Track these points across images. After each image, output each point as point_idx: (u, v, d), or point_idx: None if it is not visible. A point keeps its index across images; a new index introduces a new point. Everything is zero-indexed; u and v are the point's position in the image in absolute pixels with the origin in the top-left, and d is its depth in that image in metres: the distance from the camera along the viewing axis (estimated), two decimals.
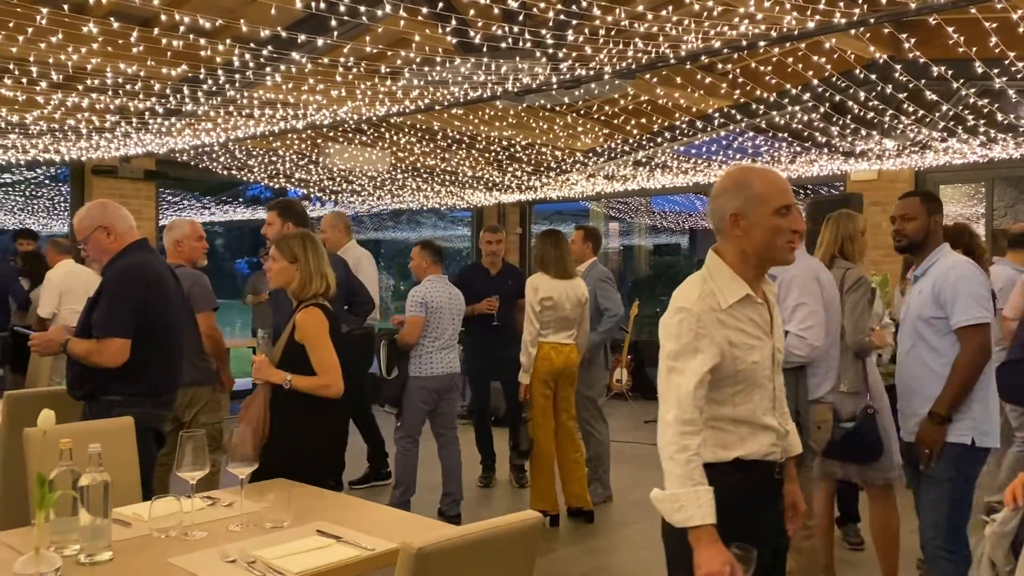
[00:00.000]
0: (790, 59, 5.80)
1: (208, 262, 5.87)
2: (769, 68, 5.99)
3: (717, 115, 7.09)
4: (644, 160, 8.72)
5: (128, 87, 4.91)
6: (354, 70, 4.71)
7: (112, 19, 3.92)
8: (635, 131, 7.96)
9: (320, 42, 4.21)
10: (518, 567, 2.11)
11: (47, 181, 13.46)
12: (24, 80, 4.69)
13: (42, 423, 2.48)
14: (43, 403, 3.83)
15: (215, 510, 2.75)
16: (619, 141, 8.47)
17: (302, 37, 4.14)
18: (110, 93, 5.07)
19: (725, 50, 4.69)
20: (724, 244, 2.23)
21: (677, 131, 7.59)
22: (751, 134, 7.77)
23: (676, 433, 2.05)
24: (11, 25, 3.84)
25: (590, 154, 8.99)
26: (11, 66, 4.49)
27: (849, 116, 6.48)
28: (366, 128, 7.84)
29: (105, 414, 3.37)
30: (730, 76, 6.29)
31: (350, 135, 8.19)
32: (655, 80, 6.13)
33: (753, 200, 2.15)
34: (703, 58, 5.00)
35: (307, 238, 3.48)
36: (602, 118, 7.90)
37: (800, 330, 3.40)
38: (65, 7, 3.82)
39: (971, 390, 3.17)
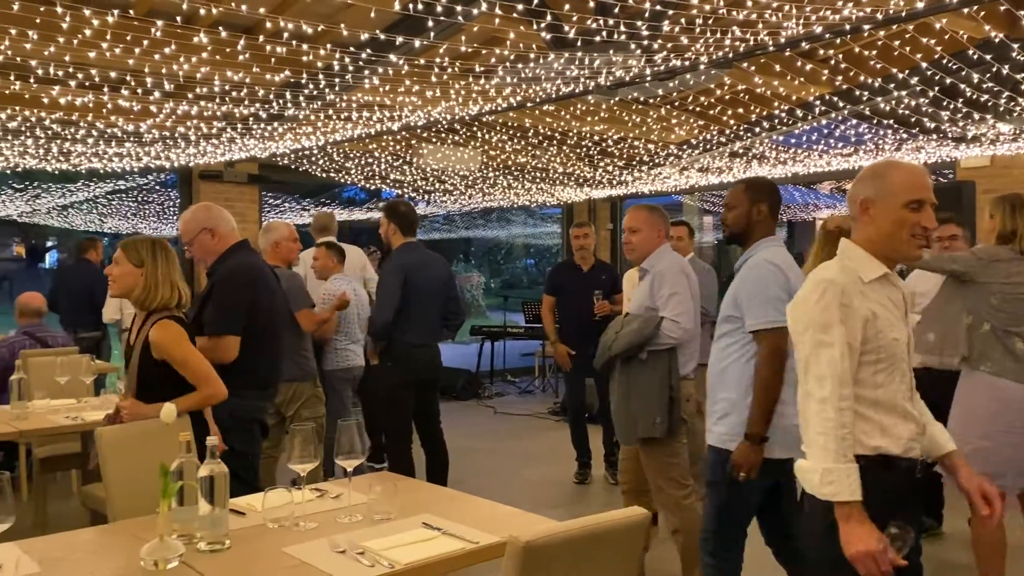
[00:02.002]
0: (896, 42, 5.56)
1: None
2: (874, 52, 5.75)
3: (818, 103, 6.85)
4: (741, 151, 8.52)
5: (234, 94, 5.11)
6: (449, 70, 4.76)
7: (220, 28, 4.08)
8: (731, 121, 7.78)
9: (417, 43, 4.27)
10: (624, 563, 2.09)
11: (157, 187, 14.11)
12: (139, 90, 4.94)
13: (164, 416, 2.60)
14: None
15: (323, 501, 2.83)
16: (714, 132, 8.29)
17: (399, 39, 4.21)
18: (217, 100, 5.28)
19: (827, 35, 4.52)
20: (856, 231, 2.26)
21: (776, 120, 7.37)
22: (854, 121, 7.47)
23: (835, 409, 2.03)
24: (128, 39, 4.04)
25: (684, 146, 8.84)
26: (127, 77, 4.73)
27: (961, 99, 6.16)
28: (459, 128, 7.93)
29: (216, 407, 3.53)
30: (832, 62, 6.06)
31: (443, 135, 8.29)
32: (753, 68, 5.97)
33: (884, 189, 2.18)
34: (804, 44, 4.83)
35: (157, 244, 3.30)
36: (697, 109, 7.75)
37: (674, 315, 3.77)
38: (177, 19, 3.99)
39: (772, 393, 3.00)
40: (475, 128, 7.98)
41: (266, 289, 3.73)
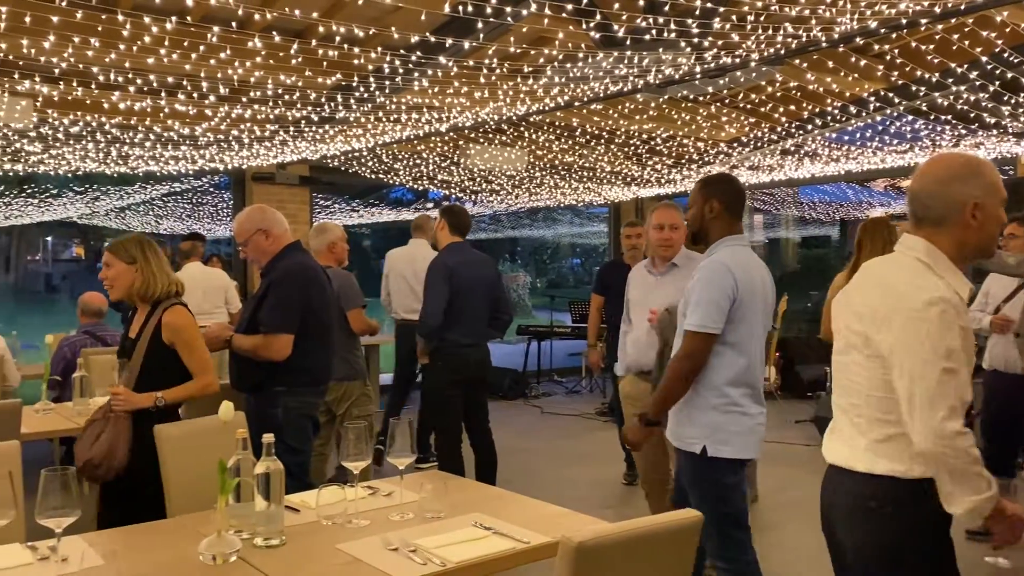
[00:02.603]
0: (955, 35, 5.42)
1: (355, 261, 6.14)
2: (931, 47, 5.61)
3: (872, 99, 6.71)
4: (792, 148, 8.39)
5: (286, 97, 5.20)
6: (497, 71, 4.77)
7: (274, 33, 4.15)
8: (783, 119, 7.67)
9: (466, 44, 4.30)
10: (677, 565, 2.08)
11: (211, 189, 14.42)
12: (195, 95, 5.05)
13: (222, 414, 2.66)
14: (214, 395, 4.13)
15: (375, 499, 2.86)
16: (765, 130, 8.18)
17: (449, 41, 4.23)
18: (270, 104, 5.38)
19: (883, 30, 4.43)
20: (938, 234, 2.04)
21: (828, 117, 7.24)
22: (910, 117, 7.31)
23: (970, 444, 1.89)
24: (185, 44, 4.14)
25: (734, 144, 8.73)
26: (184, 82, 4.84)
27: (1022, 94, 5.99)
28: (506, 128, 7.95)
29: (271, 404, 3.61)
30: (887, 57, 5.94)
31: (490, 135, 8.32)
32: (805, 65, 5.87)
33: (990, 189, 2.03)
34: (858, 40, 4.75)
35: (143, 241, 3.35)
36: (747, 106, 7.66)
37: None
38: (233, 24, 4.08)
39: (677, 396, 3.04)
40: (522, 128, 7.99)
41: (319, 289, 3.81)
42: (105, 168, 7.82)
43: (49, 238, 33.96)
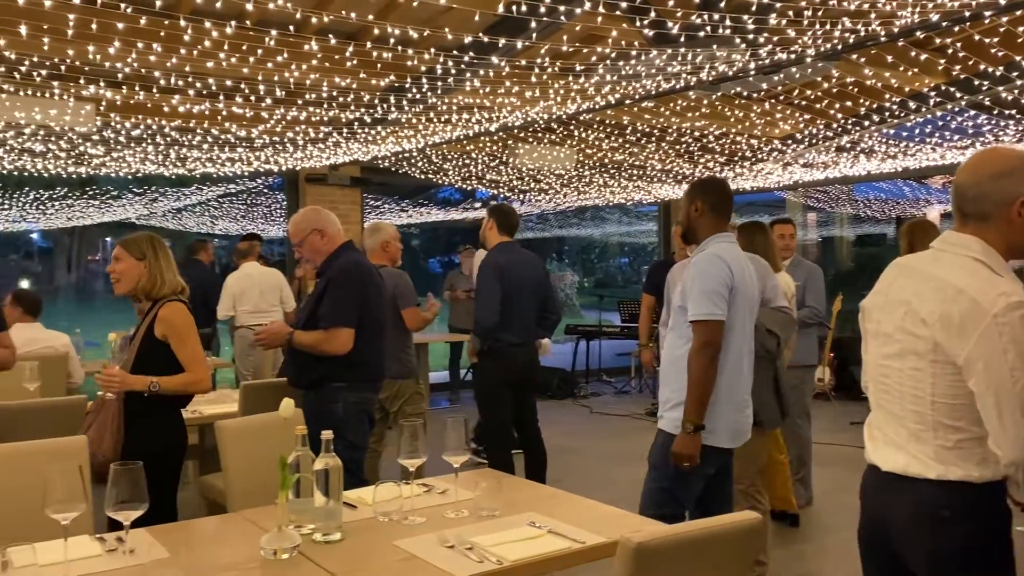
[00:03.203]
0: (1020, 28, 5.26)
1: (405, 261, 6.20)
2: (995, 39, 5.45)
3: (933, 94, 6.55)
4: (848, 145, 8.22)
5: (340, 99, 5.26)
6: (549, 69, 4.77)
7: (330, 36, 4.21)
8: (839, 115, 7.52)
9: (519, 44, 4.31)
10: (736, 568, 2.06)
11: (265, 190, 14.68)
12: (252, 97, 5.15)
13: (283, 410, 2.70)
14: (272, 392, 4.21)
15: (430, 496, 2.88)
16: (820, 126, 8.04)
17: (502, 41, 4.24)
18: (324, 106, 5.46)
19: (944, 23, 4.32)
20: (985, 231, 1.99)
21: (886, 113, 7.08)
22: (972, 112, 7.11)
23: None
24: (244, 48, 4.22)
25: (788, 141, 8.60)
26: (242, 85, 4.94)
27: None
28: (555, 127, 7.94)
29: (331, 400, 3.67)
30: (949, 51, 5.78)
31: (539, 134, 8.32)
32: (863, 60, 5.75)
33: None
34: (918, 33, 4.63)
35: (154, 239, 3.38)
36: (802, 103, 7.53)
37: (785, 307, 4.00)
38: (291, 28, 4.14)
39: (705, 384, 3.10)
40: (572, 126, 7.97)
41: (375, 286, 3.88)
42: (164, 170, 8.02)
43: (108, 239, 34.94)
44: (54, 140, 6.34)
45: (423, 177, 9.72)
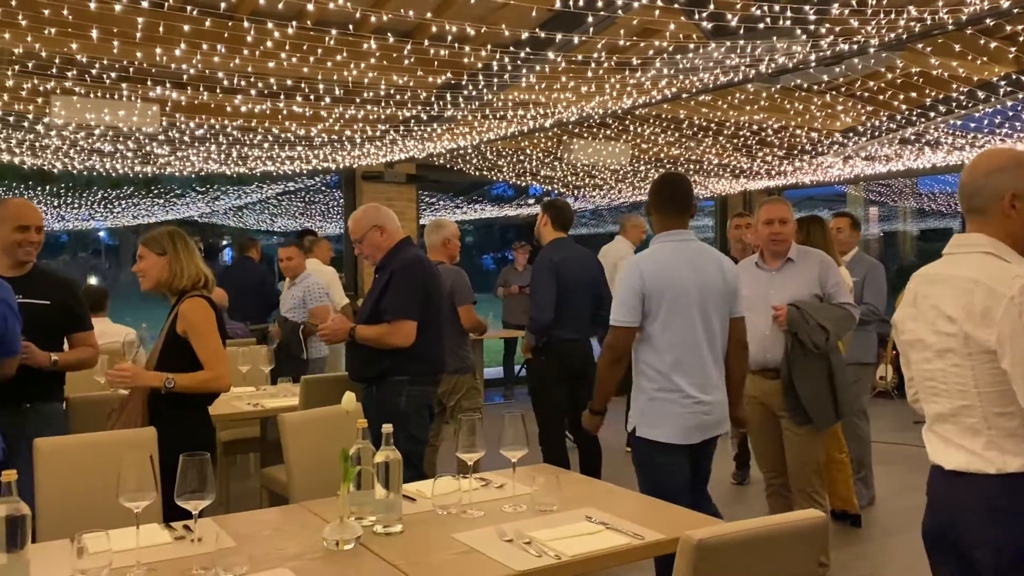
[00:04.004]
0: None
1: (460, 257, 6.24)
2: None
3: (1003, 83, 6.33)
4: (912, 137, 8.00)
5: (397, 97, 5.32)
6: (605, 64, 4.74)
7: (388, 35, 4.26)
8: (903, 106, 7.32)
9: (576, 39, 4.30)
10: (800, 567, 2.02)
11: (322, 188, 14.93)
12: (312, 96, 5.24)
13: (346, 403, 2.75)
14: (332, 386, 4.29)
15: (488, 491, 2.90)
16: (883, 118, 7.83)
17: (559, 36, 4.24)
18: (382, 104, 5.52)
19: (1015, 10, 4.17)
20: (986, 225, 2.11)
21: (953, 103, 6.87)
22: None
23: None
24: (304, 47, 4.30)
25: (850, 133, 8.40)
26: (302, 84, 5.03)
27: None
28: (610, 122, 7.89)
29: (394, 393, 3.72)
30: (1020, 39, 5.59)
31: (594, 130, 8.28)
32: (929, 49, 5.59)
33: None
34: (988, 21, 4.48)
35: (176, 233, 3.38)
36: (865, 94, 7.35)
37: (849, 302, 4.01)
38: (350, 27, 4.20)
39: (604, 380, 3.41)
40: (627, 121, 7.92)
41: (435, 281, 3.94)
42: (225, 169, 8.21)
43: None
44: (122, 140, 6.54)
45: (477, 174, 9.75)
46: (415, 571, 2.17)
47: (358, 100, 5.41)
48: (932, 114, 7.21)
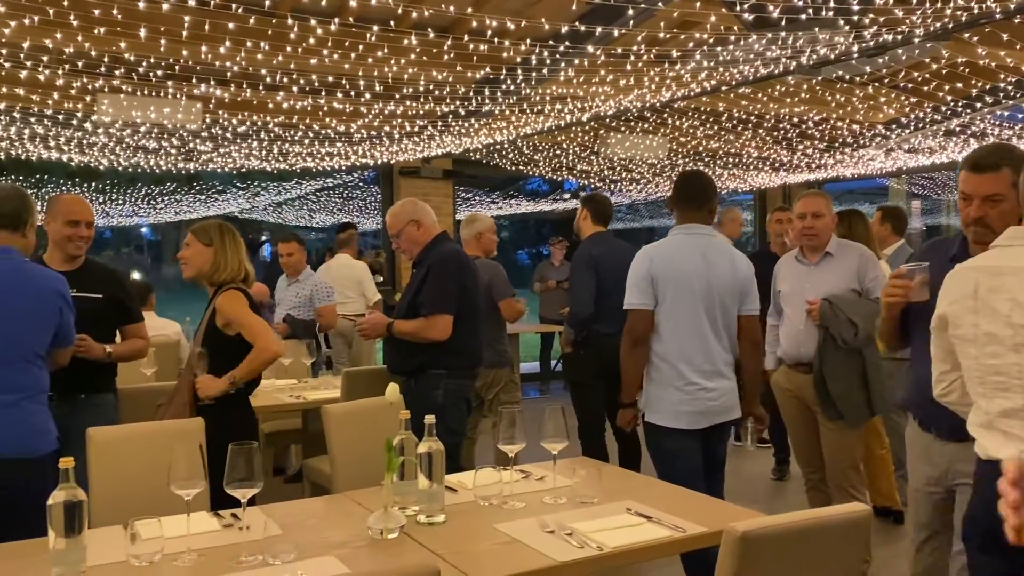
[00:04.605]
0: None
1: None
2: None
3: None
4: (957, 129, 7.85)
5: (436, 92, 5.35)
6: (644, 57, 4.72)
7: (429, 30, 4.29)
8: (947, 97, 7.18)
9: (616, 32, 4.28)
10: (845, 562, 2.01)
11: (360, 184, 15.06)
12: (352, 92, 5.29)
13: (389, 395, 2.78)
14: (372, 378, 4.34)
15: (529, 483, 2.91)
16: (928, 109, 7.69)
17: (599, 29, 4.23)
18: (420, 99, 5.56)
19: None
20: None
21: (1000, 94, 6.72)
22: None
23: None
24: (346, 44, 4.34)
25: (892, 125, 8.26)
26: (343, 81, 5.08)
27: None
28: (648, 115, 7.85)
29: (431, 386, 3.75)
30: None
31: (632, 123, 8.24)
32: (975, 39, 5.47)
33: None
34: None
35: (224, 226, 3.46)
36: (909, 85, 7.21)
37: None
38: (391, 23, 4.24)
39: (625, 367, 3.45)
40: (665, 115, 7.87)
41: (472, 275, 3.96)
42: (266, 165, 8.31)
43: None
44: (166, 137, 6.66)
45: (513, 168, 9.76)
46: (458, 560, 2.19)
47: (397, 96, 5.45)
48: (978, 105, 7.06)
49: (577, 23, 4.25)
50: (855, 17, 4.25)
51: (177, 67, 4.85)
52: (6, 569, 2.18)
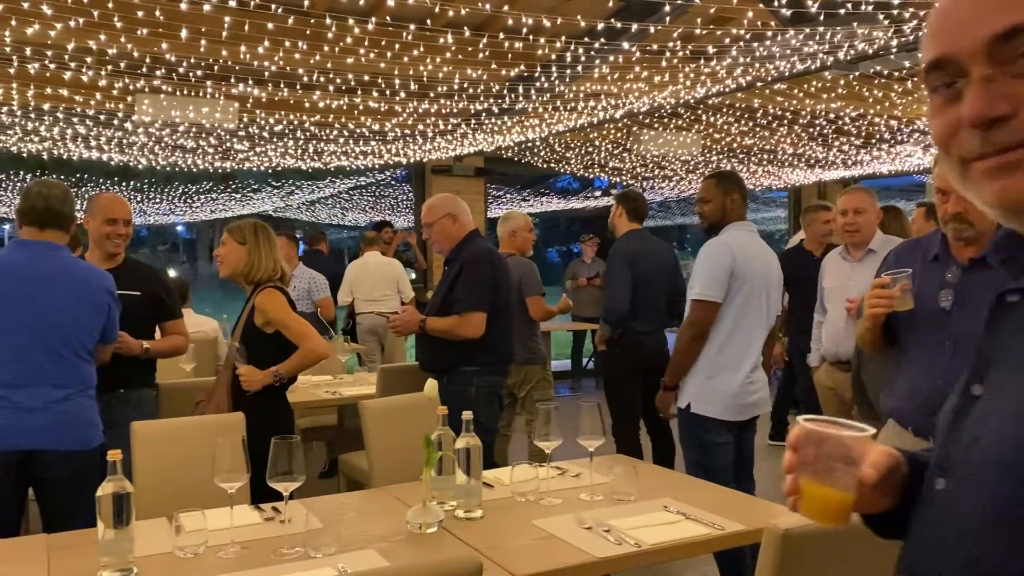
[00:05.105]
0: None
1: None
2: None
3: None
4: None
5: (470, 90, 5.36)
6: (680, 53, 4.70)
7: (465, 28, 4.31)
8: None
9: (651, 28, 4.27)
10: (887, 560, 1.99)
11: (392, 182, 15.15)
12: (387, 91, 5.32)
13: (428, 391, 2.80)
14: (407, 375, 4.36)
15: (565, 479, 2.92)
16: None
17: (635, 26, 4.22)
18: (455, 98, 5.58)
19: None
20: None
21: None
22: None
23: None
24: (383, 43, 4.37)
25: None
26: (378, 80, 5.11)
27: None
28: (682, 112, 7.80)
29: (464, 383, 3.76)
30: None
31: (665, 120, 8.20)
32: None
33: None
34: None
35: (259, 225, 3.48)
36: None
37: None
38: (428, 22, 4.26)
39: (684, 357, 3.44)
40: (699, 111, 7.82)
41: (504, 272, 3.97)
42: (301, 164, 8.40)
43: None
44: (204, 137, 6.76)
45: (545, 166, 9.76)
46: (496, 555, 2.20)
47: (432, 94, 5.48)
48: None
49: (612, 20, 4.24)
50: (894, 11, 4.19)
51: (216, 67, 4.92)
52: (58, 558, 2.24)
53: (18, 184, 12.46)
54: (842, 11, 4.11)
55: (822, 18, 4.28)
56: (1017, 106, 0.75)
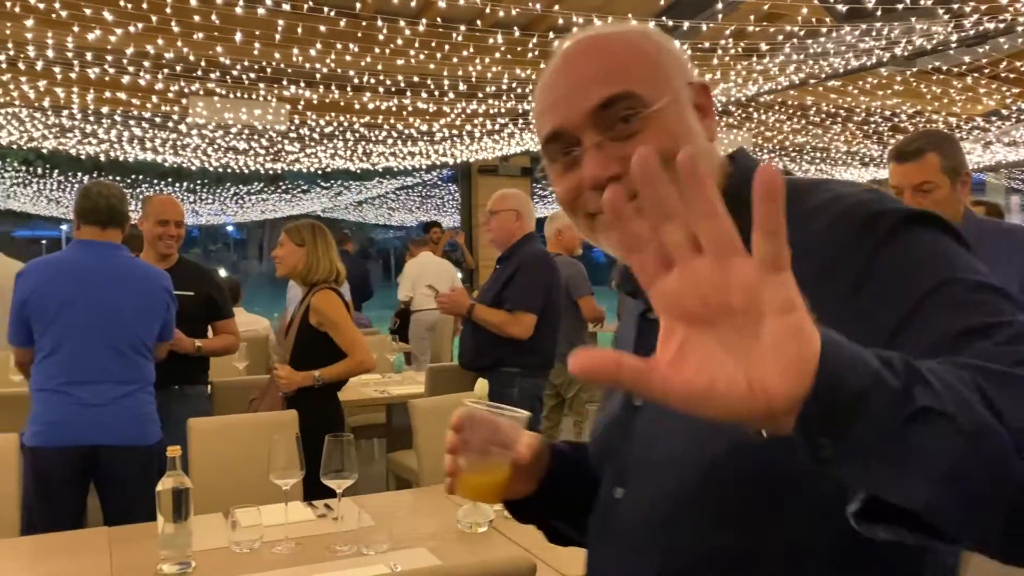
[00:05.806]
0: None
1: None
2: None
3: None
4: None
5: (518, 90, 5.35)
6: (732, 51, 4.63)
7: (515, 29, 4.31)
8: None
9: (704, 26, 4.22)
10: None
11: (438, 183, 15.23)
12: (436, 92, 5.35)
13: (479, 390, 2.80)
14: (455, 374, 4.37)
15: None
16: None
17: (686, 24, 4.17)
18: (503, 98, 5.57)
19: None
20: None
21: None
22: None
23: None
24: (432, 44, 4.39)
25: (992, 117, 7.90)
26: (427, 80, 5.14)
27: None
28: (733, 109, 7.70)
29: (507, 385, 3.75)
30: None
31: (716, 118, 8.09)
32: None
33: None
34: None
35: (316, 226, 3.50)
36: (1011, 76, 6.88)
37: None
38: (478, 22, 4.27)
39: None
40: (751, 108, 7.71)
41: (556, 277, 3.97)
42: (350, 165, 8.48)
43: None
44: (255, 138, 6.87)
45: None
46: (548, 556, 2.19)
47: (480, 95, 5.49)
48: None
49: (663, 17, 4.20)
50: (955, 5, 4.08)
51: (268, 70, 5.00)
52: (120, 550, 2.28)
53: (75, 185, 12.82)
54: (900, 6, 4.01)
55: (879, 13, 4.18)
56: (625, 166, 0.84)
